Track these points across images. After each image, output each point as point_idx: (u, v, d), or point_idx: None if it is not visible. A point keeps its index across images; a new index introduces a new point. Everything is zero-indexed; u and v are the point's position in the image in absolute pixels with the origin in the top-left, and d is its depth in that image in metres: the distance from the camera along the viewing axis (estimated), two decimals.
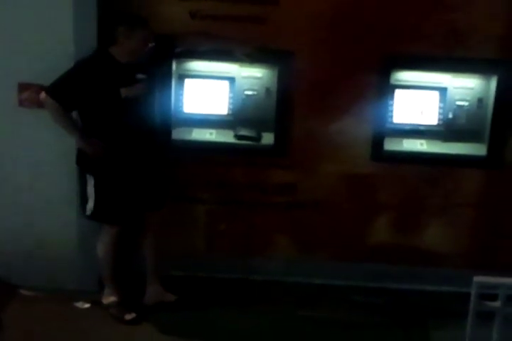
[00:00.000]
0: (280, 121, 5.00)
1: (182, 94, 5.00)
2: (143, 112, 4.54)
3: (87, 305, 4.91)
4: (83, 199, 4.68)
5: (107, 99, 4.44)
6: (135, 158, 4.60)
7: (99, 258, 4.80)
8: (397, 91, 5.01)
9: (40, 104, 4.56)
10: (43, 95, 4.41)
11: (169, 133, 4.95)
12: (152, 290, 4.93)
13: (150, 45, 4.45)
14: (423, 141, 5.09)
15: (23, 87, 4.63)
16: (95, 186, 4.57)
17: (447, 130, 5.07)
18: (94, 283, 4.94)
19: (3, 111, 4.70)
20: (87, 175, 4.59)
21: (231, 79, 5.00)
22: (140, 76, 4.48)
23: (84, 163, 4.60)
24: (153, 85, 4.59)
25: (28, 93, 4.63)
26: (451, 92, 5.02)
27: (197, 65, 4.96)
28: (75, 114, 4.50)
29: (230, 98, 5.02)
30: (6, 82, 4.63)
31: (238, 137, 5.03)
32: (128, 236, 4.81)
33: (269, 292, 5.17)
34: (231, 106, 5.04)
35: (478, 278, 4.04)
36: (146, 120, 4.57)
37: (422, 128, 5.09)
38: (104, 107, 4.46)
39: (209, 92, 5.02)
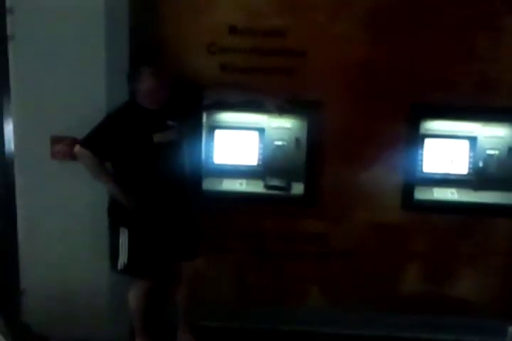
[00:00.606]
0: (310, 171, 5.00)
1: (212, 145, 5.03)
2: (175, 159, 4.56)
3: None
4: (113, 254, 4.66)
5: (141, 146, 4.48)
6: (168, 207, 4.60)
7: (131, 310, 4.78)
8: (427, 141, 5.01)
9: (72, 157, 4.59)
10: (77, 147, 4.46)
11: (200, 183, 4.97)
12: (183, 339, 4.91)
13: (164, 80, 4.44)
14: (454, 190, 5.07)
15: (55, 140, 4.67)
16: (129, 239, 4.56)
17: (478, 179, 5.04)
18: (126, 334, 4.91)
19: (36, 163, 4.74)
20: (120, 228, 4.58)
21: (261, 130, 5.03)
22: (170, 123, 4.51)
23: (117, 215, 4.61)
24: (184, 133, 4.62)
25: (61, 146, 4.67)
26: (481, 141, 5.01)
27: (227, 116, 5.00)
28: (107, 164, 4.54)
29: (259, 148, 5.05)
30: (38, 135, 4.68)
31: (268, 187, 5.03)
32: (160, 286, 4.79)
33: None
34: (261, 157, 5.06)
35: None
36: (178, 167, 4.59)
37: (452, 177, 5.08)
38: (138, 154, 4.49)
39: (239, 143, 5.05)
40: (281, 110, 4.79)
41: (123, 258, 4.60)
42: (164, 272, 4.73)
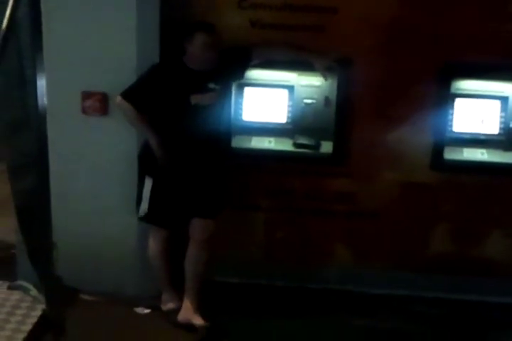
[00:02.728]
0: (339, 130, 5.00)
1: (241, 103, 5.03)
2: (210, 121, 4.58)
3: (146, 311, 4.93)
4: (137, 201, 4.72)
5: (177, 105, 4.51)
6: (196, 165, 4.64)
7: (151, 261, 4.84)
8: (458, 100, 4.97)
9: (102, 111, 4.69)
10: (118, 99, 4.51)
11: (229, 141, 4.99)
12: (184, 308, 4.79)
13: (214, 51, 4.45)
14: (483, 151, 5.05)
15: (86, 95, 4.72)
16: (152, 188, 4.62)
17: (508, 139, 5.01)
18: (155, 288, 4.95)
19: (67, 118, 4.79)
20: (146, 177, 4.64)
21: (290, 88, 5.02)
22: (212, 85, 4.54)
23: (146, 164, 4.66)
24: (225, 96, 4.65)
25: (91, 101, 4.72)
26: None
27: (256, 74, 4.97)
28: None
29: (288, 106, 5.04)
30: (70, 91, 4.72)
31: (297, 145, 5.04)
32: (182, 241, 4.81)
33: (326, 300, 5.15)
34: (290, 115, 5.06)
35: None
36: (212, 128, 4.60)
37: (482, 137, 5.05)
38: (174, 113, 4.53)
39: (268, 100, 5.05)
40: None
41: (144, 207, 4.67)
42: (181, 225, 4.74)
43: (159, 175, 4.62)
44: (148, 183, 4.63)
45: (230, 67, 4.63)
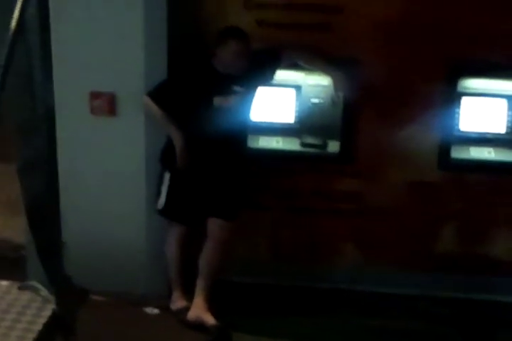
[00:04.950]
0: (346, 129, 5.01)
1: None
2: (232, 123, 4.58)
3: (156, 311, 4.93)
4: (157, 194, 4.75)
5: (201, 106, 4.54)
6: (215, 166, 4.68)
7: (167, 259, 4.85)
8: (464, 99, 4.97)
9: (110, 112, 4.71)
10: (145, 99, 4.55)
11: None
12: (194, 306, 4.77)
13: (245, 58, 4.46)
14: (491, 149, 5.05)
15: (94, 96, 4.73)
16: (170, 183, 4.66)
17: None
18: (164, 288, 4.95)
19: (76, 118, 4.80)
20: (165, 172, 4.68)
21: (297, 87, 5.02)
22: (237, 88, 4.55)
23: (167, 160, 4.68)
24: (251, 98, 4.67)
25: (100, 101, 4.73)
26: None
27: None
28: None
29: (296, 106, 5.05)
30: (79, 91, 4.73)
31: (304, 145, 5.05)
32: (198, 240, 4.82)
33: (335, 300, 5.15)
34: (297, 114, 5.06)
35: None
36: (234, 130, 4.60)
37: (489, 136, 5.05)
38: (197, 114, 4.55)
39: (275, 100, 5.06)
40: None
41: (161, 201, 4.72)
42: (198, 223, 4.76)
43: (177, 172, 4.65)
44: (166, 178, 4.67)
45: (260, 70, 4.64)
